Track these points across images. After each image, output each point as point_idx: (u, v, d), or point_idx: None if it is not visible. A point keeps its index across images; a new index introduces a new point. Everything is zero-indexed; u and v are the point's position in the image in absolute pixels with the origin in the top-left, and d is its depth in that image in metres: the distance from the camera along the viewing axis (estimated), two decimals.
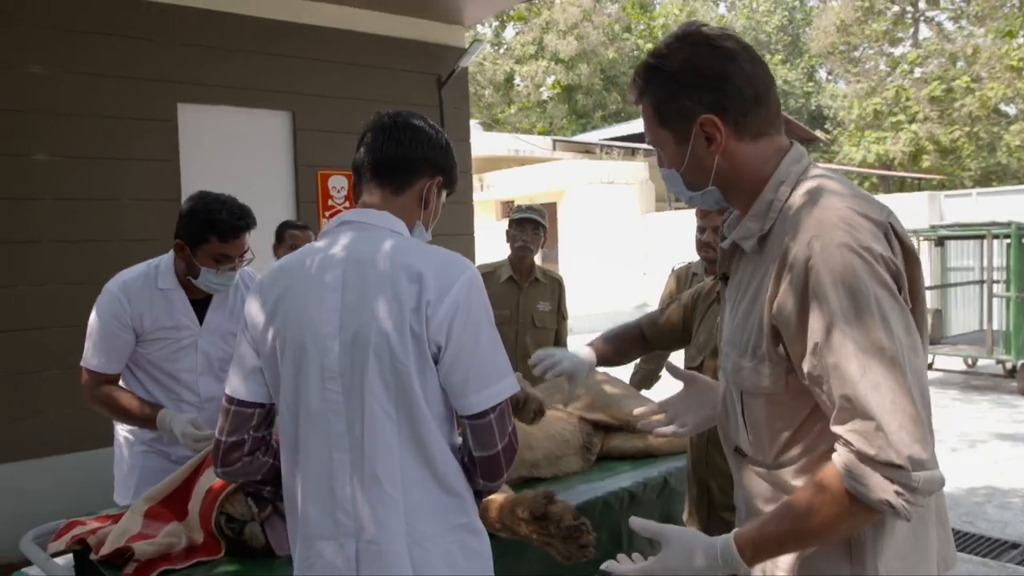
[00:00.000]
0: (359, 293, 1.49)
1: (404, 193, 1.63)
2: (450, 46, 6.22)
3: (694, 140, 1.35)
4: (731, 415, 1.44)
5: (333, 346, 1.49)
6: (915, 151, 25.09)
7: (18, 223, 4.40)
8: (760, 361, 1.31)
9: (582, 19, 29.28)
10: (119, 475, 2.73)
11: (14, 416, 4.38)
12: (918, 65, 26.56)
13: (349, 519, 1.48)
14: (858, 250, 1.19)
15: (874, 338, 1.16)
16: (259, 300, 1.57)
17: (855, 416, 1.16)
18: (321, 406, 1.49)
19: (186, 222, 2.47)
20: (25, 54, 4.43)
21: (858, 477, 1.15)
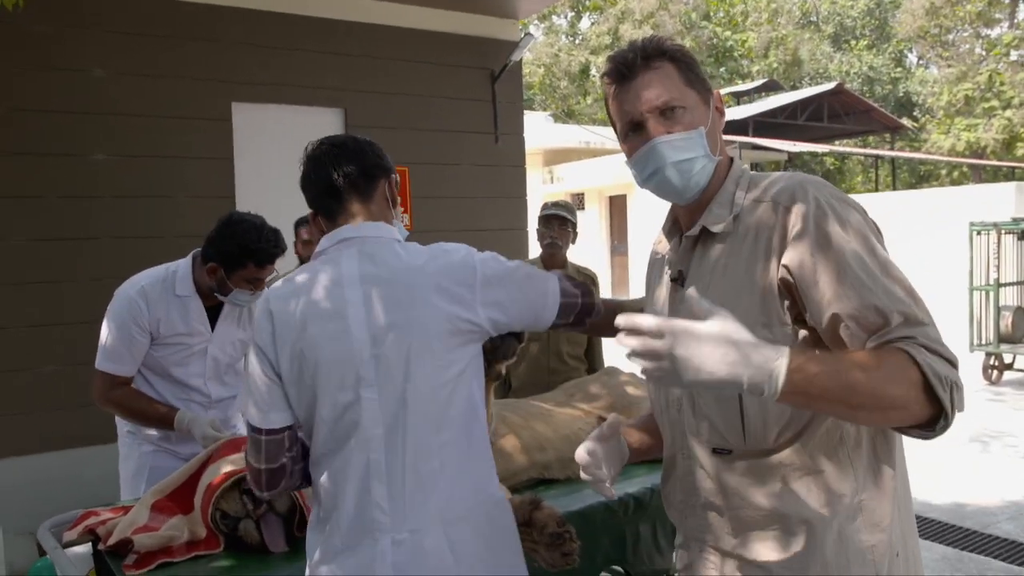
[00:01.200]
0: (388, 302, 1.57)
1: (372, 199, 1.70)
2: (502, 40, 6.21)
3: (712, 109, 1.44)
4: (715, 413, 1.39)
5: (367, 356, 1.56)
6: (1009, 138, 23.87)
7: (79, 220, 4.61)
8: (765, 329, 1.30)
9: (658, 8, 28.86)
10: (125, 474, 2.80)
11: (76, 405, 4.58)
12: (1015, 48, 25.23)
13: (384, 515, 1.55)
14: (849, 201, 1.32)
15: (893, 271, 1.26)
16: (276, 323, 1.61)
17: (911, 324, 1.21)
18: (357, 414, 1.56)
19: (224, 248, 2.55)
20: (87, 58, 4.62)
21: (931, 361, 1.17)
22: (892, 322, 1.21)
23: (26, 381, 4.50)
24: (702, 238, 1.44)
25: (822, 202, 1.29)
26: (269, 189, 5.25)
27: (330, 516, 1.60)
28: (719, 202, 1.43)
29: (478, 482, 1.63)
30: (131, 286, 2.66)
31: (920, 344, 1.19)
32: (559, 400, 2.93)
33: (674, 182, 1.41)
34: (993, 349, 8.62)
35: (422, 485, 1.56)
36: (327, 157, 1.69)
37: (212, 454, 2.23)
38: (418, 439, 1.56)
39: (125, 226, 4.73)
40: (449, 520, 1.56)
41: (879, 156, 22.72)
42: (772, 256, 1.31)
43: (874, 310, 1.22)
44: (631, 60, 1.41)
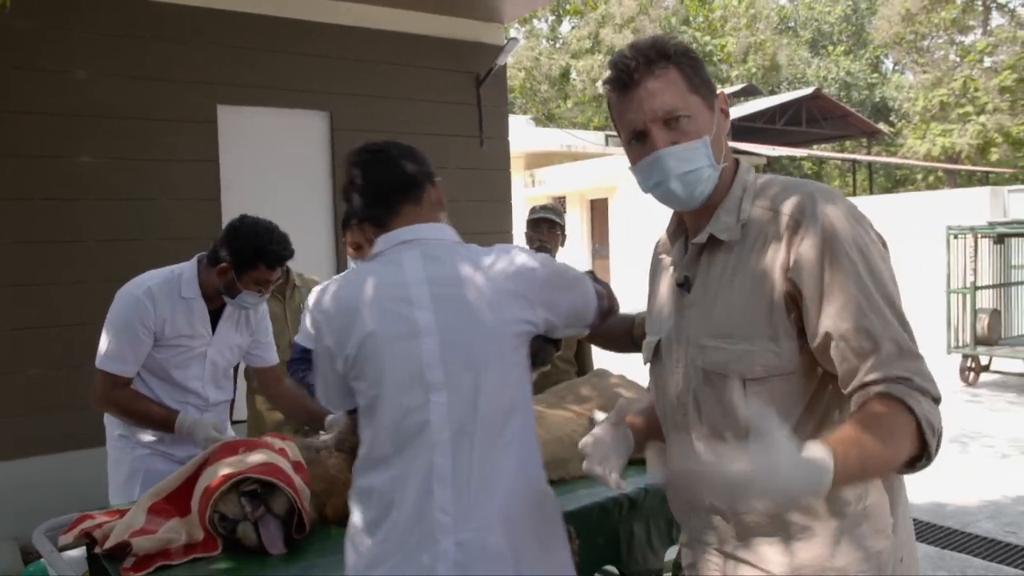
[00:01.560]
0: (452, 303, 1.58)
1: (422, 203, 1.71)
2: (487, 44, 6.23)
3: (717, 113, 1.40)
4: (721, 417, 1.38)
5: (435, 360, 1.56)
6: (983, 144, 24.23)
7: (64, 223, 4.57)
8: (770, 339, 1.31)
9: (639, 12, 29.03)
10: (117, 479, 2.78)
11: (61, 408, 4.55)
12: (988, 54, 25.62)
13: (446, 516, 1.55)
14: (858, 216, 1.31)
15: (888, 293, 1.26)
16: (339, 332, 1.61)
17: (903, 357, 1.22)
18: (424, 418, 1.56)
19: (236, 248, 2.58)
20: (70, 60, 4.59)
21: (925, 408, 1.19)
22: (883, 349, 1.22)
23: (11, 384, 4.46)
24: (709, 245, 1.42)
25: (830, 216, 1.28)
26: (254, 191, 5.24)
27: (385, 518, 1.58)
28: (726, 208, 1.40)
29: (532, 479, 1.65)
30: (136, 287, 2.66)
31: (916, 388, 1.20)
32: (550, 402, 2.95)
33: (679, 193, 1.39)
34: (970, 351, 8.74)
35: (486, 486, 1.56)
36: (372, 164, 1.70)
37: (209, 457, 2.22)
38: (485, 442, 1.56)
39: (111, 228, 4.70)
40: (510, 517, 1.57)
41: (856, 160, 22.97)
42: (779, 268, 1.31)
43: (866, 334, 1.23)
44: (632, 67, 1.37)
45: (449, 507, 1.54)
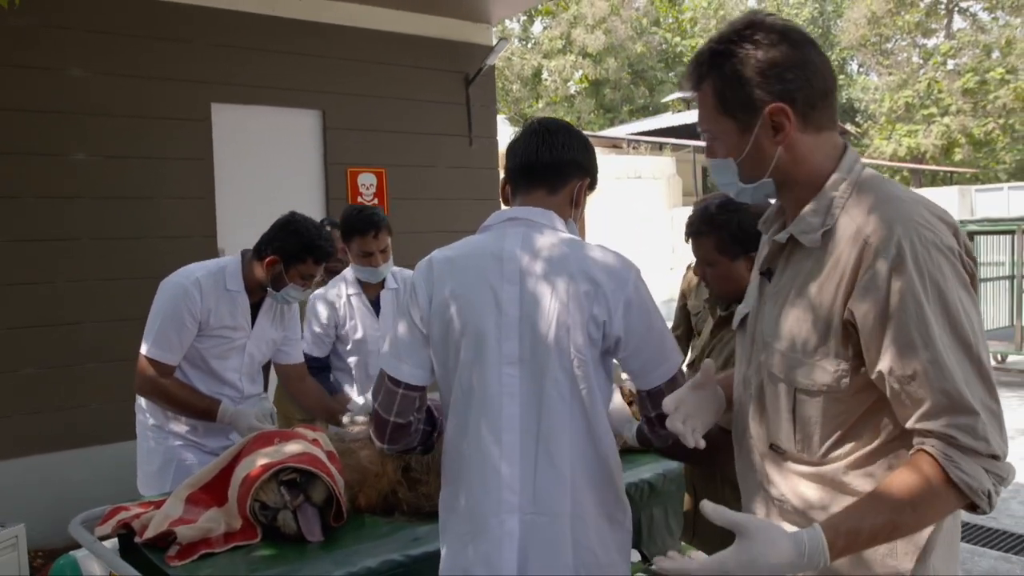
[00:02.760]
0: (541, 286, 1.62)
1: (558, 193, 1.74)
2: (477, 44, 6.29)
3: (759, 129, 1.34)
4: (772, 412, 1.40)
5: (513, 334, 1.61)
6: (947, 144, 24.78)
7: (58, 221, 4.55)
8: (823, 358, 1.30)
9: (610, 13, 29.22)
10: (148, 470, 2.82)
11: (53, 408, 4.53)
12: (951, 57, 26.20)
13: (514, 496, 1.58)
14: (943, 248, 1.22)
15: (962, 337, 1.20)
16: (432, 287, 1.66)
17: (954, 411, 1.18)
18: (497, 389, 1.60)
19: (287, 242, 2.69)
20: (65, 57, 4.57)
21: (966, 469, 1.17)
22: (931, 401, 1.19)
23: (3, 384, 4.43)
24: (791, 244, 1.40)
25: (905, 251, 1.21)
26: (248, 189, 5.25)
27: (459, 494, 1.64)
28: (815, 209, 1.35)
29: (604, 479, 1.65)
30: (184, 277, 2.72)
31: (958, 446, 1.18)
32: None
33: (744, 196, 1.44)
34: None
35: (554, 471, 1.59)
36: (535, 138, 1.73)
37: (244, 447, 2.27)
38: (552, 425, 1.59)
39: (105, 226, 4.68)
40: (575, 496, 1.60)
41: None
42: (841, 293, 1.27)
43: (917, 383, 1.20)
44: (687, 77, 1.43)
45: (516, 485, 1.58)
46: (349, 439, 2.43)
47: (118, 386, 4.64)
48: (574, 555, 1.59)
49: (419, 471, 2.33)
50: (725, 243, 2.12)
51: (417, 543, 2.06)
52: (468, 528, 1.62)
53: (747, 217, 2.09)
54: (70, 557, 2.33)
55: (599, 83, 30.57)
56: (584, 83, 30.62)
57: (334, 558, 2.01)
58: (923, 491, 1.19)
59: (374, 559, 1.96)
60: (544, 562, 1.58)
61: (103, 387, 4.64)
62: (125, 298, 4.71)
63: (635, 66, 31.17)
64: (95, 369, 4.65)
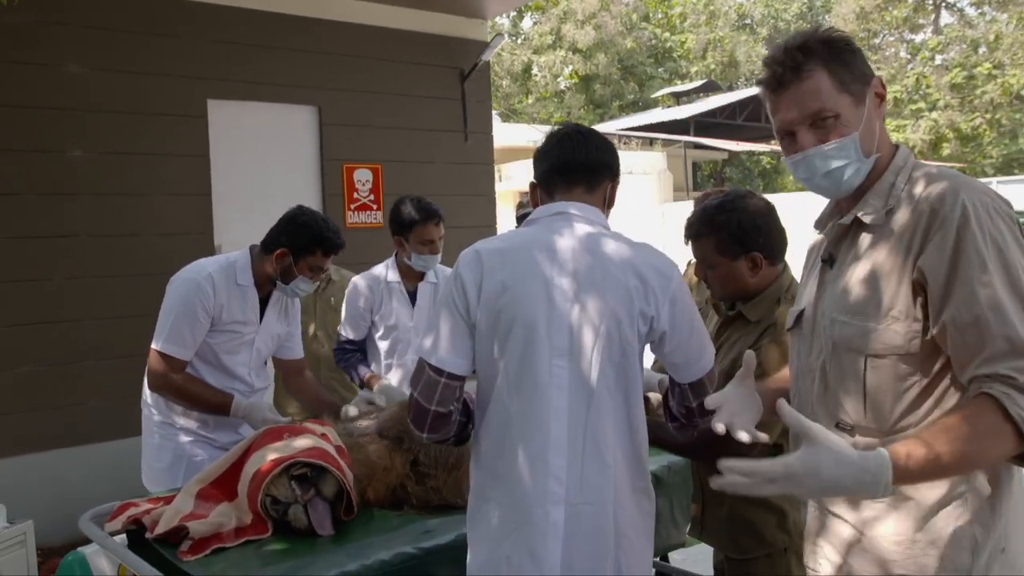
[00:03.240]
0: (591, 280, 1.66)
1: (595, 192, 1.81)
2: (472, 40, 6.30)
3: (869, 102, 1.45)
4: (839, 388, 1.46)
5: (564, 326, 1.65)
6: (935, 139, 24.92)
7: (56, 218, 4.54)
8: (895, 320, 1.37)
9: (600, 8, 29.22)
10: (156, 467, 2.82)
11: (51, 406, 4.53)
12: (939, 52, 26.34)
13: (560, 487, 1.62)
14: (1002, 214, 1.34)
15: (1020, 291, 1.28)
16: (482, 278, 1.68)
17: (1014, 355, 1.25)
18: (547, 381, 1.64)
19: (297, 234, 2.72)
20: (62, 53, 4.56)
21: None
22: (993, 346, 1.26)
23: (2, 382, 4.41)
24: (854, 226, 1.50)
25: (968, 209, 1.32)
26: (244, 185, 5.25)
27: (498, 484, 1.67)
28: (876, 192, 1.47)
29: (638, 468, 1.72)
30: (196, 272, 2.73)
31: (1016, 386, 1.23)
32: None
33: (825, 188, 1.49)
34: None
35: (600, 460, 1.63)
36: (570, 140, 1.80)
37: (253, 443, 2.28)
38: (599, 416, 1.64)
39: (103, 223, 4.68)
40: (618, 488, 1.65)
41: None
42: (911, 255, 1.36)
43: (979, 330, 1.27)
44: (780, 71, 1.45)
45: (563, 476, 1.62)
46: (357, 434, 2.44)
47: (117, 384, 4.65)
48: (615, 543, 1.65)
49: (427, 465, 2.35)
50: (725, 244, 2.13)
51: (429, 536, 2.07)
52: (509, 519, 1.65)
53: (746, 216, 2.11)
54: (78, 553, 2.33)
55: (589, 78, 30.58)
56: (574, 78, 30.62)
57: (347, 551, 2.02)
58: (984, 426, 1.23)
59: (387, 552, 1.97)
60: (588, 551, 1.63)
61: (102, 385, 4.64)
62: (123, 295, 4.71)
63: (625, 61, 31.19)
64: (94, 367, 4.65)
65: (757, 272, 2.13)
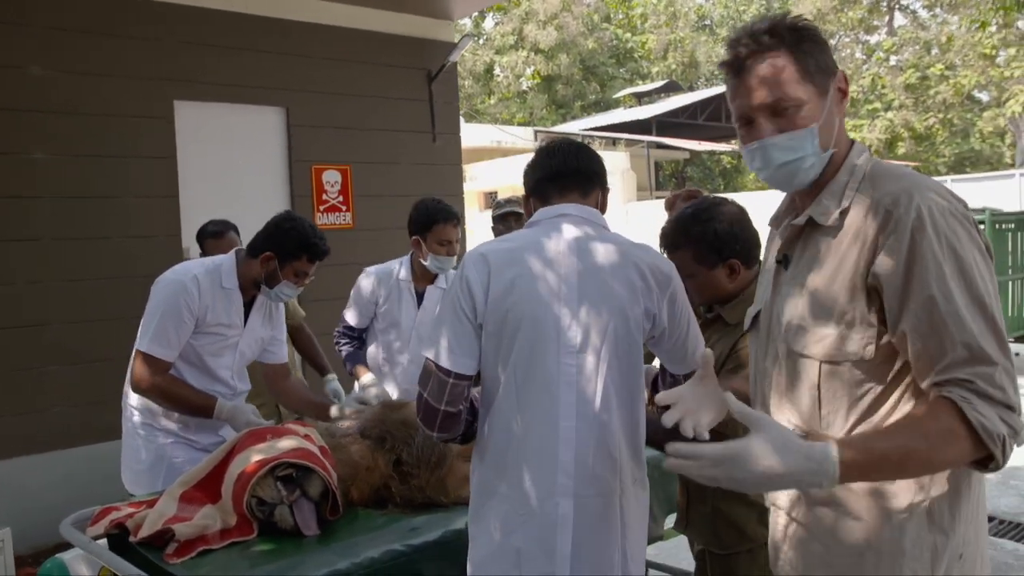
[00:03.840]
0: (598, 278, 1.72)
1: (587, 198, 1.86)
2: (439, 41, 6.31)
3: (831, 95, 1.40)
4: (795, 394, 1.43)
5: (572, 323, 1.69)
6: (891, 138, 25.45)
7: (18, 221, 4.46)
8: (849, 326, 1.34)
9: (561, 9, 29.35)
10: (137, 468, 2.81)
11: (14, 412, 4.44)
12: (893, 53, 26.89)
13: (569, 479, 1.67)
14: (957, 215, 1.30)
15: (977, 295, 1.26)
16: (489, 279, 1.72)
17: (974, 362, 1.22)
18: (556, 377, 1.69)
19: (283, 239, 2.73)
20: (24, 54, 4.48)
21: (981, 410, 1.21)
22: (952, 353, 1.23)
23: None
24: (808, 227, 1.45)
25: (923, 212, 1.28)
26: (212, 187, 5.21)
27: (504, 478, 1.70)
28: (830, 192, 1.42)
29: (638, 460, 1.78)
30: (182, 274, 2.73)
31: (975, 391, 1.21)
32: None
33: (781, 180, 1.44)
34: None
35: (607, 454, 1.68)
36: (561, 151, 1.86)
37: (236, 445, 2.28)
38: (607, 411, 1.69)
39: (67, 226, 4.60)
40: (624, 492, 1.71)
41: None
42: (865, 259, 1.32)
43: (938, 336, 1.24)
44: (744, 53, 1.39)
45: (571, 469, 1.66)
46: (339, 434, 2.45)
47: (83, 388, 4.59)
48: (622, 534, 1.70)
49: (410, 464, 2.36)
50: (703, 254, 2.13)
51: (416, 533, 2.09)
52: (518, 512, 1.68)
53: (722, 225, 2.12)
54: (58, 560, 2.30)
55: (551, 79, 30.69)
56: (536, 79, 30.71)
57: (334, 550, 2.03)
58: (938, 427, 1.21)
59: (376, 550, 1.99)
60: (597, 542, 1.68)
61: (68, 389, 4.57)
62: (90, 298, 4.64)
63: (587, 62, 31.37)
64: (59, 371, 4.57)
65: (735, 278, 2.15)
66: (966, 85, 23.83)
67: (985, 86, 24.59)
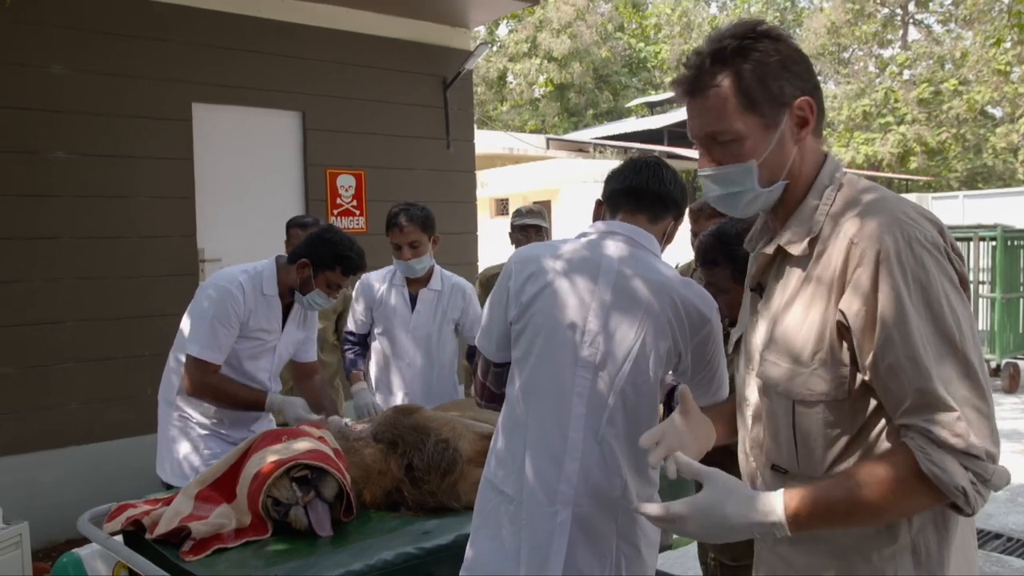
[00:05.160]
0: (630, 303, 1.72)
1: (657, 224, 1.87)
2: (455, 48, 6.36)
3: (784, 125, 1.31)
4: (772, 431, 1.38)
5: (594, 340, 1.71)
6: (903, 152, 25.37)
7: (38, 219, 4.52)
8: (820, 365, 1.28)
9: (575, 18, 29.40)
10: (173, 456, 2.90)
11: (31, 408, 4.49)
12: (907, 67, 26.85)
13: (571, 488, 1.69)
14: (926, 245, 1.21)
15: (945, 332, 1.18)
16: (525, 281, 1.79)
17: (934, 408, 1.17)
18: (569, 387, 1.72)
19: (321, 248, 2.83)
20: (47, 55, 4.54)
21: (938, 462, 1.15)
22: (909, 400, 1.19)
23: None
24: (780, 255, 1.38)
25: (888, 245, 1.21)
26: (228, 189, 5.26)
27: (511, 480, 1.74)
28: (798, 218, 1.34)
29: (645, 479, 1.79)
30: (227, 280, 2.81)
31: (933, 439, 1.16)
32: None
33: (726, 209, 1.40)
34: None
35: (609, 469, 1.70)
36: (648, 168, 1.86)
37: (251, 445, 2.31)
38: (613, 428, 1.71)
39: (85, 225, 4.66)
40: (624, 508, 1.72)
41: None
42: (833, 295, 1.26)
43: (897, 380, 1.19)
44: (688, 78, 1.33)
45: (574, 479, 1.69)
46: (353, 437, 2.48)
47: (98, 385, 4.63)
48: (617, 546, 1.71)
49: (421, 470, 2.39)
50: (742, 272, 2.13)
51: (428, 536, 2.12)
52: (519, 516, 1.72)
53: None
54: (74, 555, 2.34)
55: (564, 87, 30.74)
56: (549, 87, 30.76)
57: (349, 551, 2.06)
58: (891, 478, 1.18)
59: (389, 552, 2.02)
60: (591, 552, 1.69)
61: (82, 386, 4.62)
62: (106, 297, 4.69)
63: (600, 71, 31.41)
64: (75, 368, 4.61)
65: None
66: (979, 101, 23.77)
67: (999, 102, 24.53)
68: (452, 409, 2.89)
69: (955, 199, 13.32)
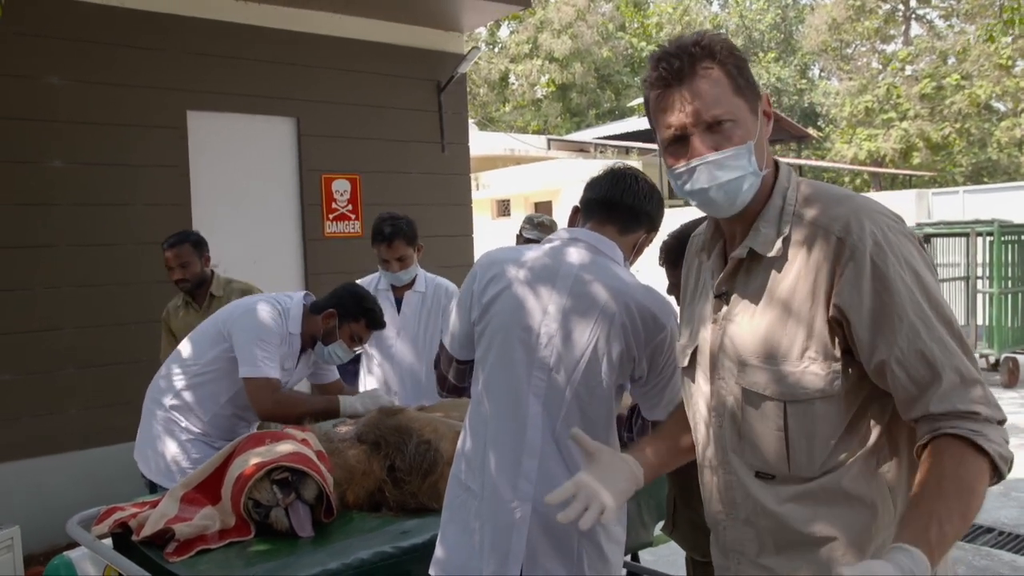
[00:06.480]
0: (586, 307, 1.77)
1: (626, 236, 1.90)
2: (449, 52, 6.40)
3: (760, 115, 1.33)
4: (756, 437, 1.35)
5: (549, 343, 1.77)
6: (906, 148, 25.35)
7: (36, 227, 4.58)
8: (812, 362, 1.27)
9: (576, 18, 29.46)
10: (158, 455, 2.95)
11: (31, 414, 4.56)
12: (909, 63, 26.81)
13: (530, 485, 1.75)
14: (907, 234, 1.26)
15: (944, 315, 1.22)
16: (486, 284, 1.85)
17: (966, 385, 1.18)
18: (526, 388, 1.78)
19: (348, 300, 2.97)
20: (43, 65, 4.61)
21: (995, 439, 1.16)
22: (945, 379, 1.18)
23: None
24: (749, 259, 1.36)
25: (879, 238, 1.23)
26: (223, 197, 5.31)
27: (474, 476, 1.81)
28: (766, 219, 1.34)
29: None
30: (271, 306, 2.92)
31: (985, 420, 1.17)
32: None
33: (719, 202, 1.32)
34: None
35: (566, 466, 1.74)
36: (623, 180, 1.90)
37: (236, 448, 2.36)
38: (568, 426, 1.72)
39: (82, 233, 4.72)
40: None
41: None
42: (822, 291, 1.26)
43: (926, 363, 1.19)
44: (676, 66, 1.29)
45: (533, 476, 1.74)
46: (337, 439, 2.53)
47: (97, 391, 4.69)
48: (578, 542, 1.76)
49: (403, 471, 2.43)
50: None
51: (406, 536, 2.16)
52: (483, 510, 1.78)
53: None
54: (64, 558, 2.39)
55: (566, 87, 30.81)
56: (551, 87, 30.83)
57: (327, 551, 2.10)
58: (972, 473, 1.15)
59: (367, 551, 2.06)
60: (552, 547, 1.74)
61: (81, 392, 4.68)
62: (103, 304, 4.75)
63: (601, 70, 31.46)
64: (74, 374, 4.68)
65: None
66: (982, 95, 23.73)
67: (1001, 96, 24.48)
68: (438, 409, 2.93)
69: (955, 194, 13.31)
